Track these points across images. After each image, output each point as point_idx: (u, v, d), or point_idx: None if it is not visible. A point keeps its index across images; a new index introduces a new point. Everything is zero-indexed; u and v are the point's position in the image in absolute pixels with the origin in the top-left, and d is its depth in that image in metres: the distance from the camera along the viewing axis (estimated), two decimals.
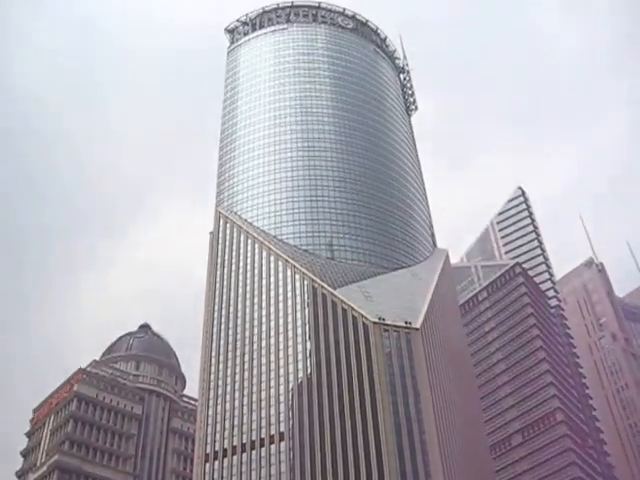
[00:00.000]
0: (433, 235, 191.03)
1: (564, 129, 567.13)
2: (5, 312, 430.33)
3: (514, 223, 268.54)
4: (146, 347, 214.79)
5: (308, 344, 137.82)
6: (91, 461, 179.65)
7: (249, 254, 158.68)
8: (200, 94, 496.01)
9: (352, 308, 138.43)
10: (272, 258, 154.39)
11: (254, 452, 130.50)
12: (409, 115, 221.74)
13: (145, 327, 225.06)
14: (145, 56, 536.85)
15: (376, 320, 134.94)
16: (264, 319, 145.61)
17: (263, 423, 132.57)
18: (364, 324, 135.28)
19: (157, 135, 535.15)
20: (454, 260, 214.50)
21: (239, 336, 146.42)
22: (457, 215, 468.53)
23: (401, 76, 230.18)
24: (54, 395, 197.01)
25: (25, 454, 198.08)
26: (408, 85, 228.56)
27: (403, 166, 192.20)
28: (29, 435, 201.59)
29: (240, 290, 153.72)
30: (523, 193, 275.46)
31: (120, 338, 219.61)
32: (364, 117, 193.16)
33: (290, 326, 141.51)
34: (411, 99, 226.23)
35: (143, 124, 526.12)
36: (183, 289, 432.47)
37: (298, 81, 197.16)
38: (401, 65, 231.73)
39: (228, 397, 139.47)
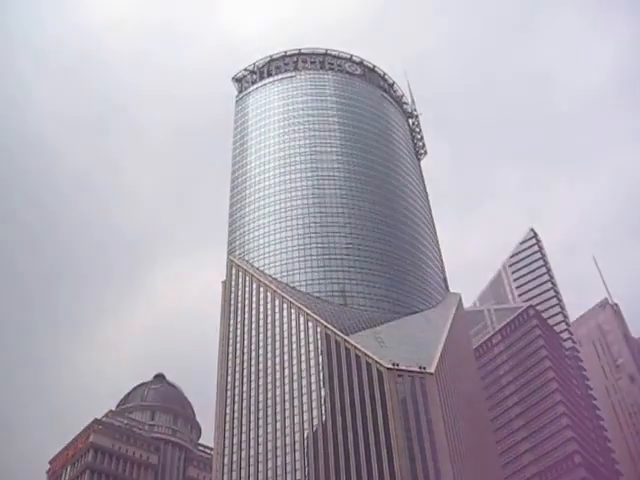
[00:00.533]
0: (445, 279, 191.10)
1: (575, 168, 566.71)
2: (19, 363, 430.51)
3: (527, 265, 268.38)
4: (161, 397, 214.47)
5: (322, 391, 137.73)
6: None
7: (261, 302, 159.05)
8: (209, 143, 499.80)
9: (366, 354, 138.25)
10: (285, 306, 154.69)
11: None
12: (418, 159, 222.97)
13: (160, 377, 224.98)
14: (154, 107, 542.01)
15: (390, 366, 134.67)
16: (278, 367, 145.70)
17: (279, 471, 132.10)
18: (378, 370, 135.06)
19: (167, 184, 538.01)
20: (467, 304, 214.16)
21: (253, 384, 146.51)
22: (469, 259, 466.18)
23: (409, 121, 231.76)
24: (70, 446, 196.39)
25: None
26: (417, 129, 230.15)
27: (414, 210, 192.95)
28: None
29: (253, 338, 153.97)
30: (535, 235, 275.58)
31: (135, 388, 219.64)
32: (374, 163, 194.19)
33: (304, 373, 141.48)
34: (420, 143, 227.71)
35: (153, 174, 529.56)
36: (197, 338, 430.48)
37: (307, 128, 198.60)
38: (409, 110, 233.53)
39: (244, 445, 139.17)
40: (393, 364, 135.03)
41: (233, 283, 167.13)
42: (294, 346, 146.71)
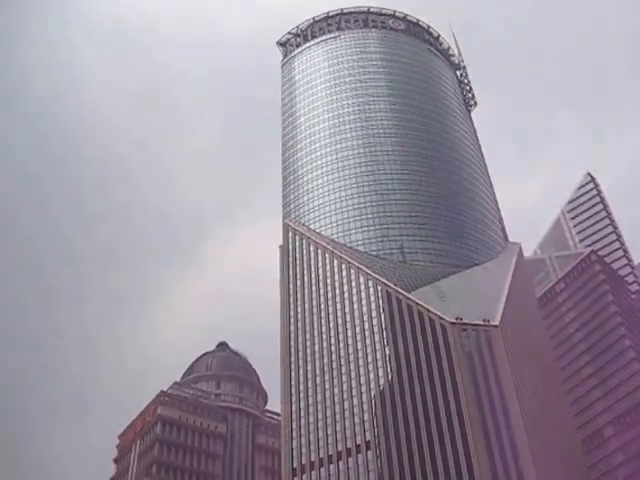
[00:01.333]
0: (504, 229, 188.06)
1: (630, 110, 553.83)
2: (82, 340, 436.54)
3: (586, 210, 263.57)
4: (225, 365, 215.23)
5: (387, 350, 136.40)
6: None
7: (320, 264, 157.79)
8: (258, 109, 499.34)
9: (428, 310, 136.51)
10: (343, 266, 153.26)
11: (341, 463, 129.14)
12: (469, 111, 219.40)
13: (223, 345, 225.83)
14: (200, 77, 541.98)
15: (454, 320, 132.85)
16: (340, 328, 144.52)
17: (348, 433, 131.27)
18: (442, 325, 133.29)
19: (218, 152, 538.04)
20: (527, 253, 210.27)
21: (317, 347, 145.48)
22: (527, 207, 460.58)
23: (457, 72, 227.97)
24: (138, 420, 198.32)
25: None
26: (465, 81, 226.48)
27: (468, 162, 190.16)
28: (117, 461, 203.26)
29: (314, 301, 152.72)
30: (593, 179, 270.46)
31: (199, 358, 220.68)
32: (424, 117, 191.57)
33: (367, 333, 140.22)
34: (469, 94, 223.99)
35: (210, 142, 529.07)
36: (257, 303, 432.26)
37: (355, 87, 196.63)
38: (456, 61, 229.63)
39: (311, 409, 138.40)
40: (457, 318, 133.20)
41: (290, 247, 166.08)
42: (355, 306, 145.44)
